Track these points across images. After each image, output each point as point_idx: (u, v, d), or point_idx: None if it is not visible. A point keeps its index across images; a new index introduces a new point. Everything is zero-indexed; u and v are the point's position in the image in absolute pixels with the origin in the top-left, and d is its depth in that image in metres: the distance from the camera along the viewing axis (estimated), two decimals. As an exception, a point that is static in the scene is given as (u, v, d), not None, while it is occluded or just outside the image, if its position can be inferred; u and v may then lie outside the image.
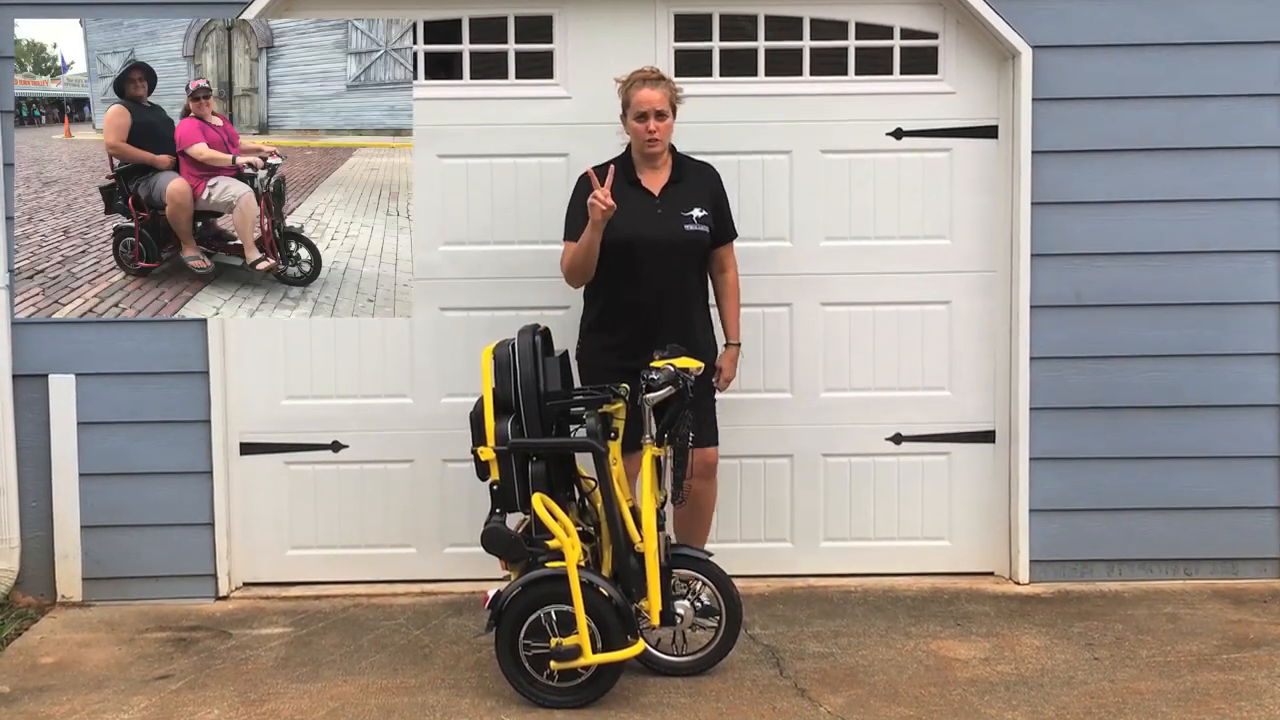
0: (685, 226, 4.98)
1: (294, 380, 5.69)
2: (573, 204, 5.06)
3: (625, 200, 4.91)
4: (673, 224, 4.97)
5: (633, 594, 4.50)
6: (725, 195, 5.16)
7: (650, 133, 4.94)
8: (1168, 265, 5.59)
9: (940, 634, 5.11)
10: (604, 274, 4.98)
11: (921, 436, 5.76)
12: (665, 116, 4.96)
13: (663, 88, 4.96)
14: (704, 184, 5.10)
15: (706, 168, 5.17)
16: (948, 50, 5.65)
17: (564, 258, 5.04)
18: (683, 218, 4.98)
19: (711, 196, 5.08)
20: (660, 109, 4.94)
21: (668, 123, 4.97)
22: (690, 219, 4.99)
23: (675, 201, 5.01)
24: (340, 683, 4.71)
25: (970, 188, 5.67)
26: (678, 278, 5.00)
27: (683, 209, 5.00)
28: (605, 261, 4.94)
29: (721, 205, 5.13)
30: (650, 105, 4.93)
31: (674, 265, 4.97)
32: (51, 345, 5.49)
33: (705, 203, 5.04)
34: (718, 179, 5.16)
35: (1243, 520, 5.68)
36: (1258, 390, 5.63)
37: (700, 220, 5.00)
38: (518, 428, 4.50)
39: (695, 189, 5.06)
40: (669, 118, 4.97)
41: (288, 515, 5.74)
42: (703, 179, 5.12)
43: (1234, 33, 5.50)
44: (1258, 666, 4.75)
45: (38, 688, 4.71)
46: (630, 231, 4.91)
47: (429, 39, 5.62)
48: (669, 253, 4.96)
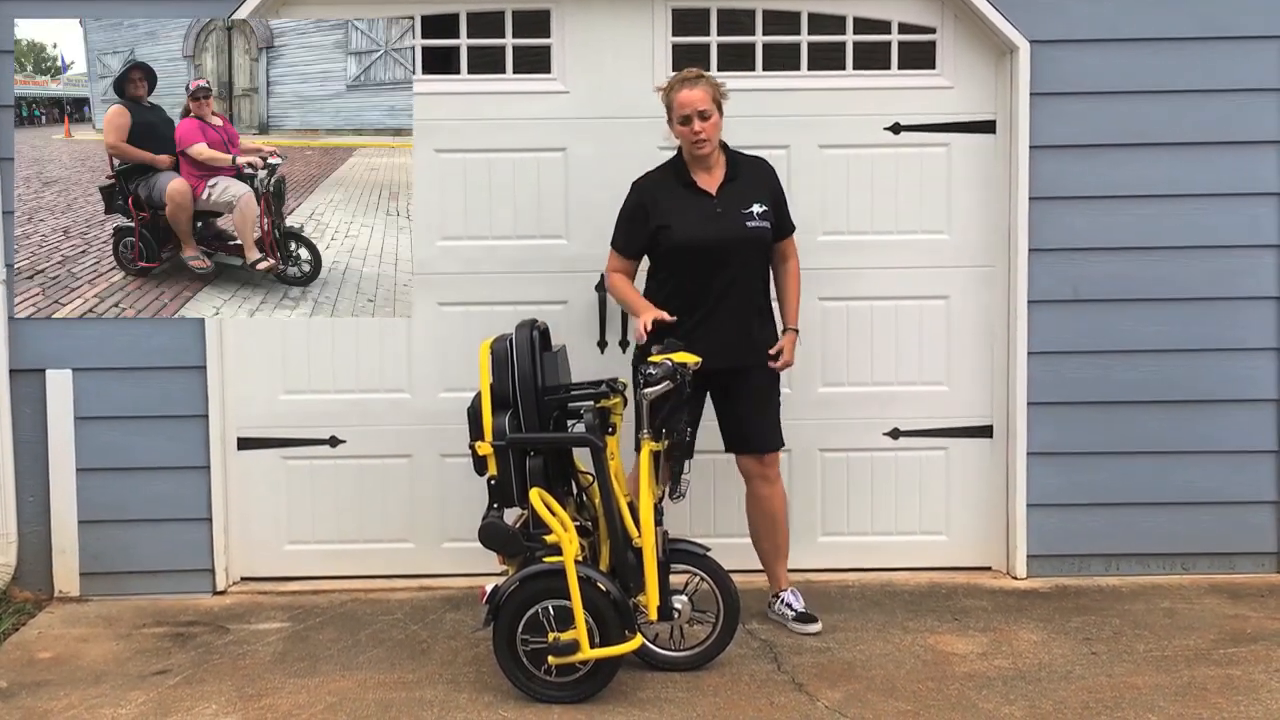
0: (747, 224, 4.90)
1: (292, 375, 5.69)
2: (622, 212, 5.04)
3: (682, 203, 4.90)
4: (733, 223, 4.89)
5: (630, 589, 4.50)
6: (782, 188, 5.09)
7: (696, 134, 4.85)
8: (1166, 260, 5.59)
9: (938, 629, 5.12)
10: (665, 274, 4.96)
11: (919, 431, 5.76)
12: (709, 115, 4.85)
13: (703, 86, 4.86)
14: (761, 179, 5.02)
15: (761, 162, 5.09)
16: (946, 45, 5.64)
17: (609, 263, 5.07)
18: (743, 215, 4.90)
19: (770, 191, 5.00)
20: (702, 109, 4.83)
21: (713, 121, 4.87)
22: (751, 216, 4.91)
23: (734, 200, 4.93)
24: (338, 678, 4.71)
25: (968, 183, 5.67)
26: (740, 277, 4.91)
27: (742, 206, 4.92)
28: (667, 263, 4.94)
29: (780, 199, 5.05)
30: (692, 107, 4.84)
31: (736, 264, 4.90)
32: (48, 340, 5.49)
33: (764, 198, 4.96)
34: (774, 173, 5.08)
35: (1240, 515, 5.68)
36: (1256, 385, 5.63)
37: (761, 216, 4.93)
38: (515, 423, 4.50)
39: (753, 185, 4.98)
40: (714, 115, 4.87)
41: (285, 510, 5.74)
42: (759, 174, 5.04)
43: (1233, 27, 5.50)
44: (1255, 661, 4.76)
45: (35, 683, 4.71)
46: (690, 234, 4.87)
47: (426, 33, 5.61)
48: (731, 252, 4.89)
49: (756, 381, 4.99)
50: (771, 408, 5.05)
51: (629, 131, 5.61)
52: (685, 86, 4.86)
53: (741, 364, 4.94)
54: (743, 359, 4.94)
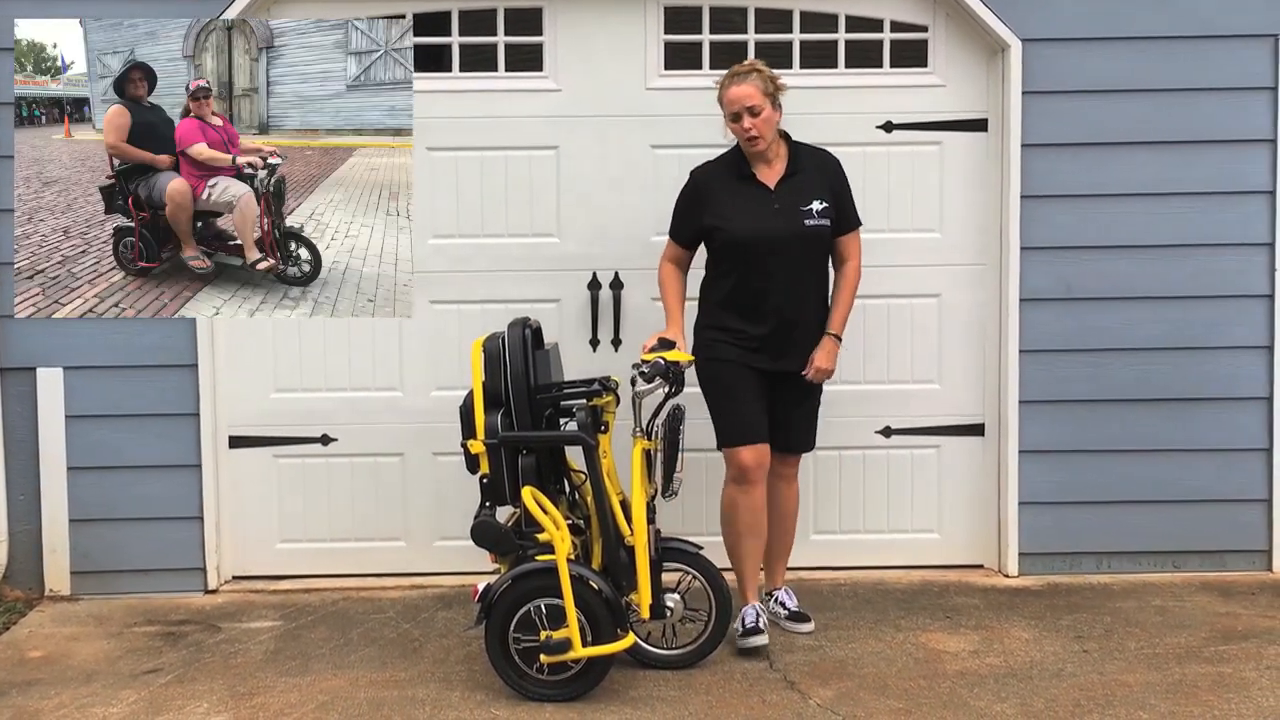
0: (805, 221, 4.75)
1: (283, 373, 5.69)
2: (677, 204, 4.95)
3: (739, 197, 4.79)
4: (792, 219, 4.75)
5: (623, 587, 4.50)
6: (846, 183, 4.90)
7: (746, 131, 4.70)
8: (1157, 258, 5.59)
9: (930, 626, 5.12)
10: (725, 269, 4.85)
11: (911, 429, 5.77)
12: (760, 110, 4.68)
13: (752, 81, 4.70)
14: (822, 174, 4.84)
15: (824, 156, 4.91)
16: (937, 43, 5.65)
17: (664, 251, 4.99)
18: (802, 212, 4.75)
19: (831, 186, 4.82)
20: (751, 104, 4.68)
21: (765, 115, 4.69)
22: (810, 213, 4.76)
23: (793, 195, 4.78)
24: (329, 676, 4.70)
25: (960, 181, 5.67)
26: (797, 274, 4.77)
27: (801, 203, 4.76)
28: (724, 258, 4.84)
29: (842, 194, 4.86)
30: (741, 103, 4.69)
31: (793, 261, 4.76)
32: (39, 338, 5.48)
33: (825, 194, 4.79)
34: (837, 167, 4.89)
35: (1231, 513, 5.70)
36: (1246, 383, 5.64)
37: (821, 213, 4.77)
38: (508, 421, 4.50)
39: (813, 180, 4.81)
40: (766, 109, 4.70)
41: (277, 509, 5.74)
42: (821, 169, 4.85)
43: (1224, 26, 5.51)
44: (1245, 659, 4.77)
45: (26, 681, 4.70)
46: (747, 229, 4.75)
47: (418, 31, 5.60)
48: (787, 249, 4.75)
49: (796, 386, 4.90)
50: (815, 411, 5.01)
51: (621, 129, 5.61)
52: (734, 83, 4.72)
53: (790, 368, 4.86)
54: (790, 364, 4.85)
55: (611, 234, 5.64)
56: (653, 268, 5.60)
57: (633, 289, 5.65)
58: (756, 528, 4.87)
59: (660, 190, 5.62)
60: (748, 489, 4.81)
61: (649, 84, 5.62)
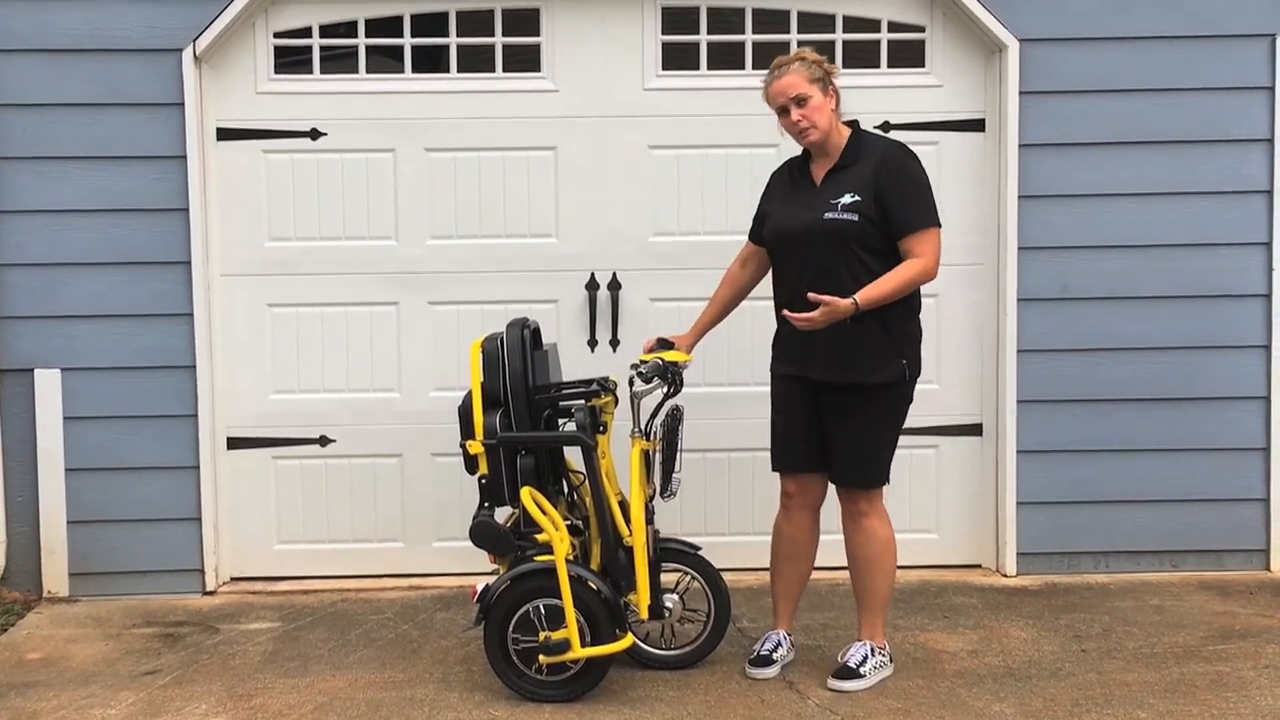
0: (825, 215, 4.34)
1: (281, 374, 5.68)
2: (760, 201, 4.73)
3: (788, 192, 4.54)
4: (815, 213, 4.38)
5: (621, 588, 4.49)
6: (907, 180, 4.37)
7: (795, 123, 4.37)
8: (1155, 258, 5.60)
9: (928, 626, 5.12)
10: (774, 272, 4.61)
11: (909, 430, 5.68)
12: (807, 100, 4.34)
13: (794, 71, 4.37)
14: (870, 167, 4.37)
15: (887, 149, 4.45)
16: (935, 44, 5.65)
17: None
18: (829, 205, 4.36)
19: (874, 180, 4.34)
20: (796, 94, 4.34)
21: (815, 104, 4.34)
22: (835, 206, 4.35)
23: (831, 189, 4.40)
24: (328, 677, 4.70)
25: (958, 181, 5.68)
26: (819, 270, 4.35)
27: (833, 196, 4.37)
28: (769, 256, 4.64)
29: (894, 190, 4.34)
30: (784, 95, 4.37)
31: (814, 258, 4.37)
32: (37, 339, 5.47)
33: (862, 188, 4.34)
34: (897, 163, 4.39)
35: (1229, 512, 5.70)
36: (1244, 382, 5.65)
37: (847, 207, 4.32)
38: (506, 421, 4.50)
39: (860, 174, 4.37)
40: (815, 97, 4.34)
41: (275, 510, 5.74)
42: (873, 161, 4.38)
43: (1222, 25, 5.51)
44: (1243, 658, 4.77)
45: (24, 683, 4.70)
46: (774, 225, 4.52)
47: (416, 32, 5.61)
48: (809, 245, 4.39)
49: (841, 403, 4.45)
50: (858, 440, 4.45)
51: (619, 130, 5.61)
52: (775, 79, 4.40)
53: (822, 378, 4.45)
54: (819, 371, 4.46)
55: (610, 235, 5.65)
56: (650, 268, 5.65)
57: (631, 289, 5.65)
58: (793, 555, 4.69)
59: (658, 191, 5.64)
60: (788, 514, 4.66)
61: (647, 84, 5.62)
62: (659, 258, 5.65)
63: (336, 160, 5.62)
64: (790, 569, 4.71)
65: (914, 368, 4.48)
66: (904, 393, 4.49)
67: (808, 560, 4.72)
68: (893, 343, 4.41)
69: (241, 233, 5.62)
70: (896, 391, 4.46)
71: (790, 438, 4.59)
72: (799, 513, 4.64)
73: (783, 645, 4.72)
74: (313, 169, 5.62)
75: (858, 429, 4.44)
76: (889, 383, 4.42)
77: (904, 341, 4.44)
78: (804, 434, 4.55)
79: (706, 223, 5.65)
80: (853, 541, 4.57)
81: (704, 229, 5.66)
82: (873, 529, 4.53)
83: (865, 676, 4.51)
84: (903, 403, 4.52)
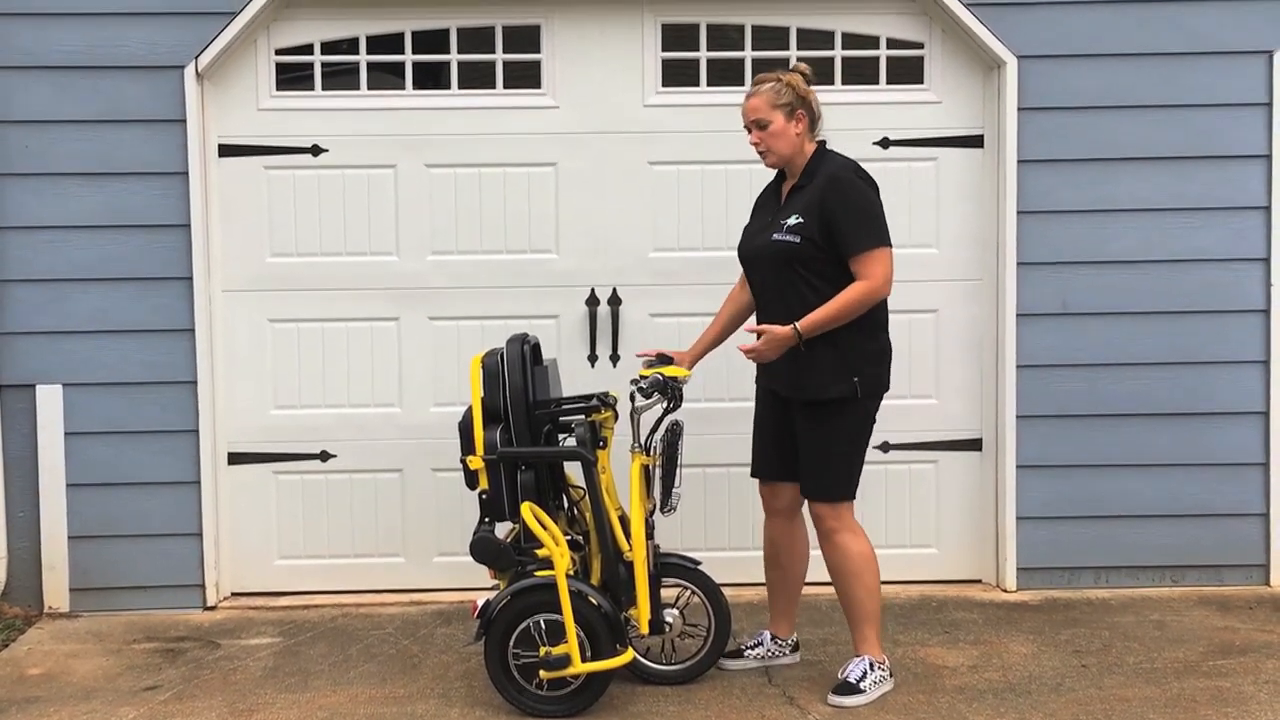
0: (773, 236, 4.47)
1: (282, 389, 5.69)
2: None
3: (760, 212, 4.70)
4: (768, 234, 4.51)
5: (621, 602, 4.50)
6: (846, 203, 4.40)
7: (754, 144, 4.54)
8: (1154, 273, 5.61)
9: (928, 641, 5.13)
10: None
11: (909, 445, 5.78)
12: (766, 125, 4.46)
13: (762, 94, 4.47)
14: (818, 189, 4.44)
15: (834, 171, 4.48)
16: (934, 60, 5.67)
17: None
18: (779, 226, 4.47)
19: (819, 202, 4.41)
20: (757, 118, 4.47)
21: (773, 130, 4.45)
22: (783, 227, 4.46)
23: (787, 208, 4.51)
24: (329, 693, 4.70)
25: (956, 197, 5.69)
26: (771, 291, 4.53)
27: (784, 217, 4.48)
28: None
29: (834, 214, 4.39)
30: (747, 117, 4.52)
31: (767, 278, 4.53)
32: (39, 355, 5.48)
33: (807, 209, 4.42)
34: (840, 185, 4.43)
35: (1229, 527, 5.70)
36: (1243, 397, 5.66)
37: (791, 229, 4.42)
38: (506, 437, 4.51)
39: (808, 194, 4.46)
40: (776, 122, 4.45)
41: (276, 525, 5.74)
42: (822, 183, 4.45)
43: (1220, 42, 5.54)
44: (1244, 673, 4.77)
45: (25, 699, 4.70)
46: (742, 244, 4.69)
47: (417, 49, 5.63)
48: (761, 265, 4.56)
49: (801, 418, 4.53)
50: (817, 453, 4.51)
51: (619, 146, 5.63)
52: (748, 97, 4.53)
53: (785, 393, 4.56)
54: (781, 387, 4.57)
55: (610, 250, 5.66)
56: (650, 284, 5.66)
57: (631, 305, 5.66)
58: (773, 559, 4.82)
59: (658, 207, 5.66)
60: (767, 519, 4.80)
61: (647, 101, 5.65)
62: (659, 273, 5.66)
63: (338, 176, 5.64)
64: (772, 573, 4.84)
65: (869, 385, 4.51)
66: (862, 409, 4.53)
67: (791, 566, 4.82)
68: (843, 360, 4.45)
69: (243, 248, 5.64)
70: (852, 407, 4.49)
71: (762, 445, 4.74)
72: (773, 518, 4.78)
73: (764, 644, 4.83)
74: (314, 185, 5.64)
75: (816, 443, 4.51)
76: (843, 399, 4.46)
77: (857, 359, 4.47)
78: (774, 443, 4.68)
79: (706, 239, 5.67)
80: (829, 559, 4.60)
81: (704, 245, 5.67)
82: (844, 544, 4.55)
83: (865, 692, 4.52)
84: (862, 420, 4.55)
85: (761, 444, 4.74)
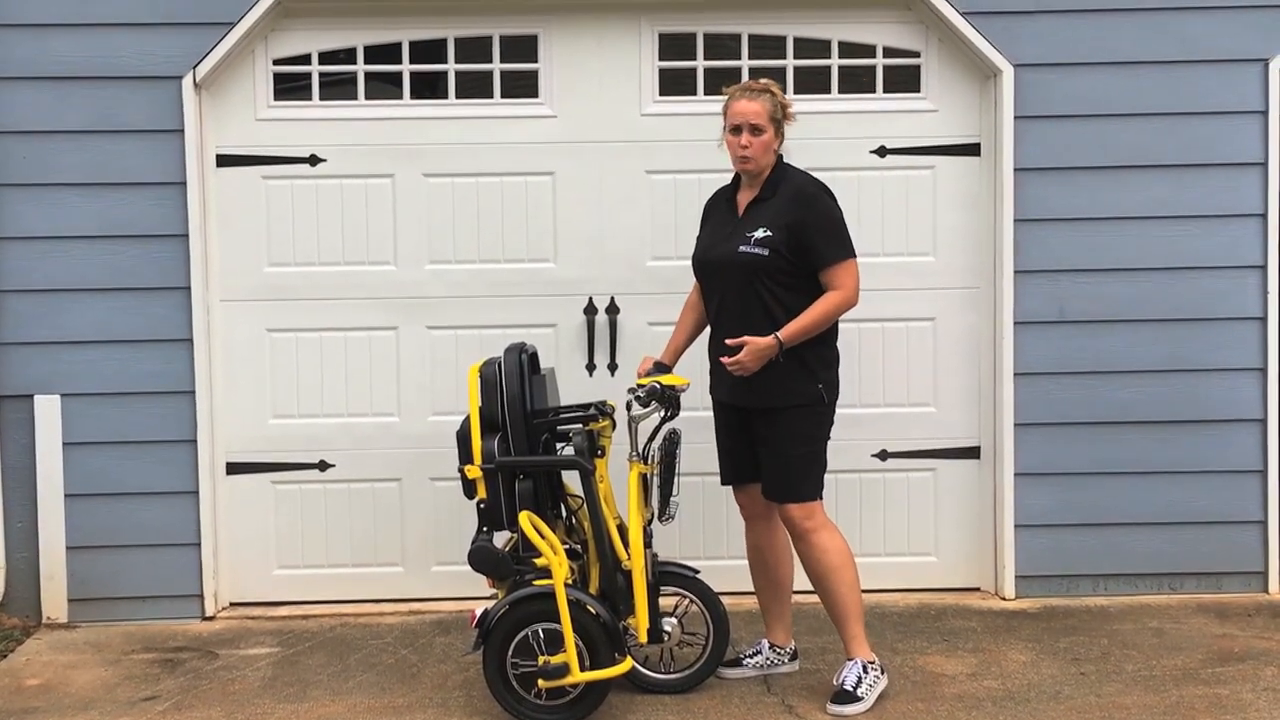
0: (740, 248, 4.50)
1: (281, 399, 5.69)
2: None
3: (714, 219, 4.74)
4: (732, 244, 4.54)
5: (620, 611, 4.50)
6: (820, 217, 4.51)
7: (742, 147, 4.52)
8: (1151, 281, 5.62)
9: (927, 649, 5.12)
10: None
11: (907, 453, 5.78)
12: (761, 131, 4.50)
13: (763, 100, 4.53)
14: (789, 202, 4.52)
15: (802, 186, 4.58)
16: (930, 69, 5.68)
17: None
18: (744, 238, 4.51)
19: (790, 216, 4.48)
20: (756, 123, 4.50)
21: (764, 139, 4.51)
22: (749, 239, 4.50)
23: (750, 221, 4.55)
24: (328, 702, 4.70)
25: (954, 205, 5.70)
26: (735, 302, 4.54)
27: (749, 229, 4.52)
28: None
29: (806, 227, 4.47)
30: (744, 118, 4.52)
31: (731, 289, 4.55)
32: (37, 365, 5.48)
33: (778, 223, 4.48)
34: (811, 199, 4.54)
35: (1227, 534, 5.70)
36: (1241, 405, 5.66)
37: (760, 241, 4.47)
38: (504, 446, 4.51)
39: (777, 208, 4.52)
40: (768, 133, 4.51)
41: (274, 535, 5.74)
42: (790, 197, 4.54)
43: (1216, 50, 5.55)
44: (1242, 680, 4.77)
45: (24, 709, 4.69)
46: (698, 253, 4.73)
47: (414, 58, 5.64)
48: (725, 275, 4.57)
49: (762, 426, 4.58)
50: (780, 458, 4.55)
51: (617, 155, 5.64)
52: (745, 97, 4.55)
53: (742, 403, 4.60)
54: (740, 399, 4.59)
55: (607, 259, 5.67)
56: (648, 292, 5.66)
57: (629, 313, 5.67)
58: (757, 564, 4.85)
59: (655, 215, 5.66)
60: (747, 525, 4.84)
61: (644, 110, 5.65)
62: (656, 282, 5.66)
63: (335, 186, 5.64)
64: (760, 580, 4.87)
65: (831, 389, 4.62)
66: (821, 411, 4.61)
67: (778, 567, 4.84)
68: (806, 368, 4.54)
69: (241, 258, 5.64)
70: (812, 410, 4.58)
71: (729, 454, 4.78)
72: (753, 522, 4.80)
73: (763, 653, 4.85)
74: (312, 195, 5.65)
75: (778, 448, 4.56)
76: (804, 405, 4.55)
77: (818, 366, 4.57)
78: (739, 450, 4.72)
79: (704, 247, 5.67)
80: (806, 560, 4.61)
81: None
82: (821, 542, 4.58)
83: (863, 699, 4.53)
84: (822, 421, 4.63)
85: (729, 451, 4.77)
